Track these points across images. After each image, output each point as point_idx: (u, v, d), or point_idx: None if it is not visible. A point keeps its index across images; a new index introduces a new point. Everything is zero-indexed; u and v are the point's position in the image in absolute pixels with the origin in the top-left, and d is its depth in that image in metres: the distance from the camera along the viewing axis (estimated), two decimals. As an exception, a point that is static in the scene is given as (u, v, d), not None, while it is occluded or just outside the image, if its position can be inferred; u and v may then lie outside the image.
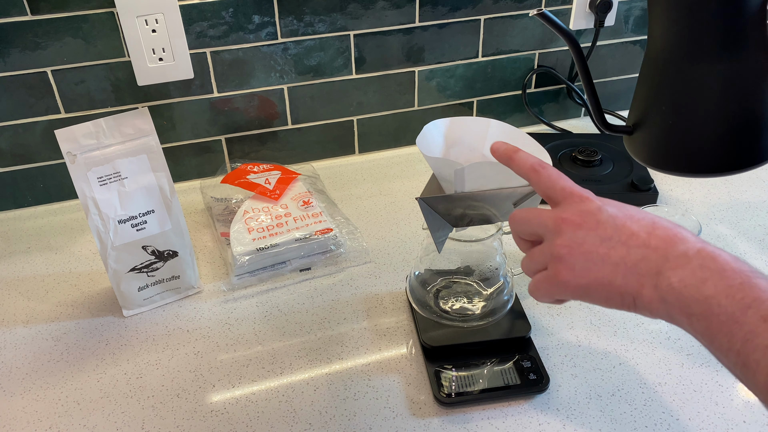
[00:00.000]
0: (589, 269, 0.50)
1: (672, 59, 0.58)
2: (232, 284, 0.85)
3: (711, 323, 0.43)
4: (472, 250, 0.76)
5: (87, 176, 0.73)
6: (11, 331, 0.80)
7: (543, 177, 0.55)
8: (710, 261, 0.45)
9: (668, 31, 0.58)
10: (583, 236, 0.50)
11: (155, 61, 0.93)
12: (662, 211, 0.86)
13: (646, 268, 0.48)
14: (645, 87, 0.62)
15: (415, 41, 1.05)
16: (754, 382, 0.41)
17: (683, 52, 0.57)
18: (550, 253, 0.52)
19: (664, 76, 0.59)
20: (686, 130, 0.60)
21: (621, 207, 0.52)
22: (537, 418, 0.67)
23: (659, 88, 0.60)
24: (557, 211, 0.53)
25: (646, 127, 0.63)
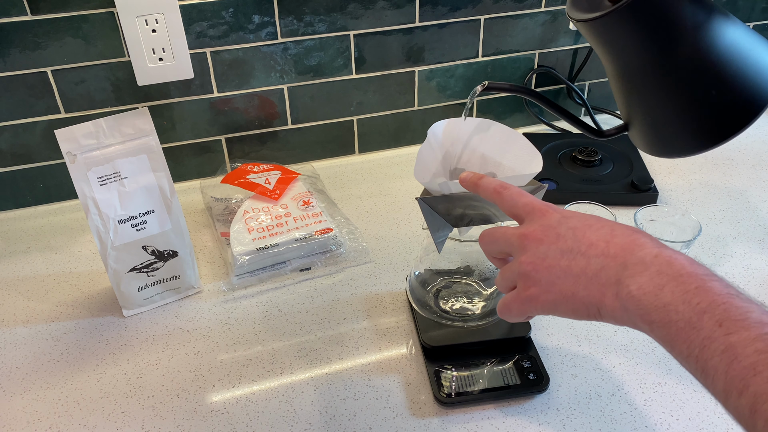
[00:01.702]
0: (553, 283, 0.50)
1: (627, 76, 0.67)
2: (232, 284, 0.85)
3: (670, 330, 0.44)
4: (472, 250, 0.76)
5: (87, 176, 0.73)
6: (11, 331, 0.80)
7: (506, 197, 0.57)
8: (667, 266, 0.46)
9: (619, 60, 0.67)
10: (545, 251, 0.51)
11: (155, 61, 0.93)
12: (662, 211, 0.86)
13: (606, 277, 0.48)
14: (619, 96, 0.70)
15: (415, 41, 1.05)
16: (713, 387, 0.41)
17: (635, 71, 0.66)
18: (517, 270, 0.53)
19: (629, 88, 0.68)
20: (663, 123, 0.67)
21: (582, 218, 0.53)
22: (537, 418, 0.67)
23: (630, 96, 0.68)
24: (521, 228, 0.54)
25: (634, 125, 0.70)
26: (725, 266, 0.87)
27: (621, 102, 0.70)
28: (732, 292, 0.44)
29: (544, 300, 0.51)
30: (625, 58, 0.65)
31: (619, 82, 0.68)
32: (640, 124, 0.69)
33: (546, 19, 1.09)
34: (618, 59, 0.66)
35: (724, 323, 0.41)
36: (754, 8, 1.21)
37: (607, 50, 0.66)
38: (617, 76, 0.68)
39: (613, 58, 0.66)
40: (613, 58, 0.66)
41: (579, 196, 0.94)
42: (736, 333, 0.40)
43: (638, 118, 0.68)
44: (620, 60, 0.66)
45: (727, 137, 0.64)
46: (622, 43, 0.64)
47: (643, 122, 0.68)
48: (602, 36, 0.65)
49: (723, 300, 0.43)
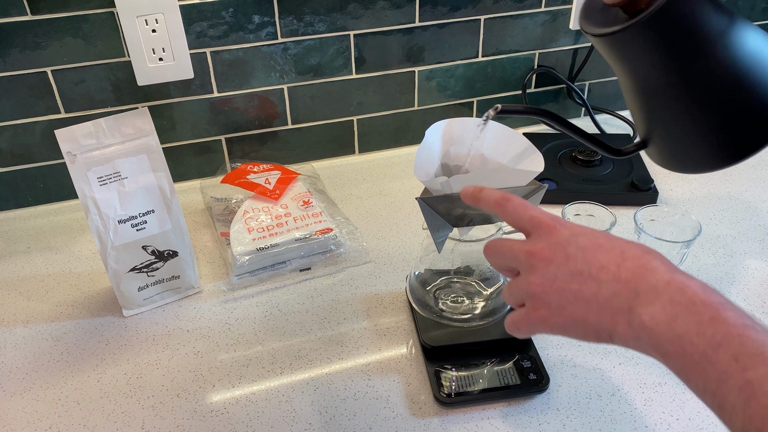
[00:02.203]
0: (563, 306, 0.49)
1: (646, 92, 0.64)
2: (232, 284, 0.85)
3: (685, 363, 0.43)
4: (472, 250, 0.76)
5: (87, 176, 0.73)
6: (11, 331, 0.80)
7: (509, 210, 0.55)
8: (679, 294, 0.44)
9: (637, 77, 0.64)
10: (555, 272, 0.50)
11: (155, 61, 0.93)
12: (662, 211, 0.86)
13: (618, 304, 0.47)
14: (636, 111, 0.67)
15: (415, 41, 1.05)
16: (731, 424, 0.40)
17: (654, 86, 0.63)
18: (525, 290, 0.51)
19: (648, 104, 0.65)
20: (684, 139, 0.64)
21: (590, 236, 0.51)
22: (537, 418, 0.67)
23: (648, 111, 0.65)
24: (528, 244, 0.52)
25: (654, 141, 0.67)
26: (725, 266, 0.87)
27: (639, 118, 0.67)
28: (747, 323, 0.42)
29: (553, 323, 0.50)
30: (643, 73, 0.62)
31: (636, 97, 0.65)
32: (660, 141, 0.66)
33: (546, 19, 1.09)
34: (635, 74, 0.63)
35: (741, 358, 0.40)
36: (754, 8, 1.21)
37: (624, 65, 0.63)
38: (634, 91, 0.65)
39: (630, 73, 0.63)
40: (630, 73, 0.63)
41: (579, 196, 0.94)
42: (753, 369, 0.39)
43: (658, 135, 0.65)
44: (638, 75, 0.63)
45: (752, 151, 0.61)
46: (640, 58, 0.61)
47: (663, 139, 0.65)
48: (618, 50, 0.62)
49: (738, 332, 0.41)
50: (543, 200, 0.68)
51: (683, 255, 0.82)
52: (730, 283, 0.84)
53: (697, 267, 0.87)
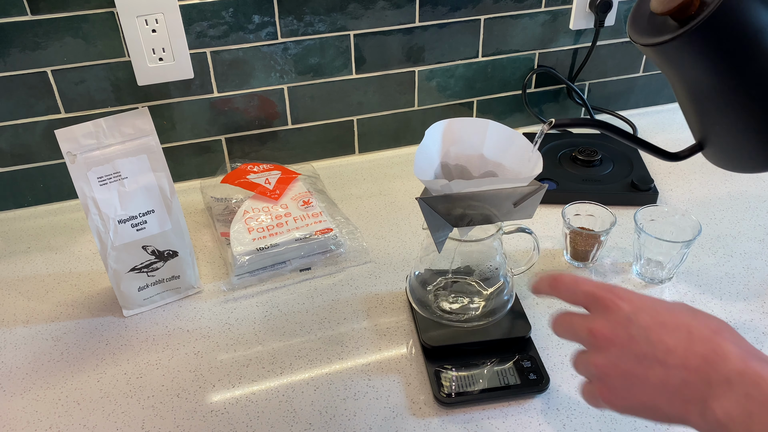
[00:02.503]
0: (629, 391, 0.47)
1: (701, 97, 0.64)
2: (232, 284, 0.85)
3: None
4: (472, 250, 0.76)
5: (87, 176, 0.73)
6: (11, 331, 0.80)
7: (561, 289, 0.52)
8: (754, 387, 0.42)
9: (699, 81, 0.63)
10: (618, 355, 0.47)
11: (155, 61, 0.93)
12: (662, 211, 0.86)
13: (689, 393, 0.45)
14: (691, 115, 0.67)
15: (415, 41, 1.05)
16: None
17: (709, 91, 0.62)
18: (589, 370, 0.50)
19: (703, 108, 0.64)
20: (744, 140, 0.64)
21: (653, 311, 0.48)
22: (537, 418, 0.67)
23: (704, 115, 0.65)
24: (588, 320, 0.50)
25: (711, 144, 0.67)
26: (725, 266, 0.87)
27: (694, 121, 0.67)
28: None
29: (622, 406, 0.48)
30: (696, 79, 0.62)
31: (690, 101, 0.65)
32: (718, 143, 0.66)
33: (546, 19, 1.09)
34: (688, 80, 0.63)
35: None
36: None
37: (676, 71, 0.63)
38: (688, 96, 0.65)
39: (682, 79, 0.63)
40: (682, 79, 0.63)
41: (579, 196, 0.94)
42: None
43: (714, 137, 0.66)
44: (691, 80, 0.62)
45: None
46: (692, 64, 0.60)
47: (720, 141, 0.65)
48: (669, 58, 0.61)
49: None
50: (543, 200, 0.68)
51: (683, 255, 0.82)
52: (730, 283, 0.84)
53: (697, 267, 0.87)
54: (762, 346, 0.75)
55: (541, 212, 0.97)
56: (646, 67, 1.21)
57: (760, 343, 0.75)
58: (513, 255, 0.90)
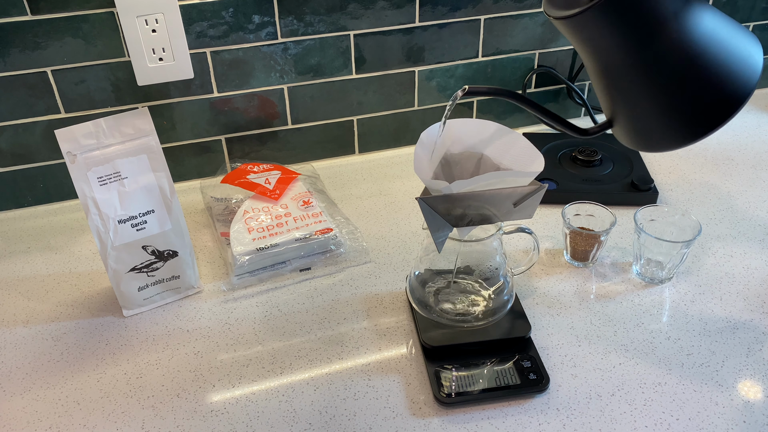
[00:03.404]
0: None
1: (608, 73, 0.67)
2: (232, 284, 0.85)
3: None
4: (472, 250, 0.76)
5: (87, 176, 0.73)
6: (11, 331, 0.80)
7: None
8: None
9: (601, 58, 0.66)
10: None
11: (155, 61, 0.93)
12: (662, 211, 0.86)
13: None
14: (601, 92, 0.69)
15: (415, 41, 1.05)
16: None
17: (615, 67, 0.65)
18: None
19: (610, 84, 0.67)
20: (646, 118, 0.66)
21: None
22: (537, 418, 0.67)
23: (611, 92, 0.67)
24: None
25: (618, 121, 0.69)
26: (725, 266, 0.87)
27: (603, 98, 0.69)
28: None
29: None
30: (604, 55, 0.65)
31: (599, 78, 0.67)
32: (624, 121, 0.68)
33: (546, 19, 1.09)
34: (597, 56, 0.65)
35: None
36: (754, 8, 1.21)
37: (586, 47, 0.66)
38: (598, 73, 0.67)
39: (592, 55, 0.66)
40: (592, 55, 0.66)
41: (579, 196, 0.94)
42: None
43: (622, 115, 0.68)
44: (599, 57, 0.65)
45: (711, 129, 0.63)
46: (600, 40, 0.63)
47: (626, 118, 0.68)
48: (580, 33, 0.64)
49: None
50: (543, 200, 0.69)
51: (683, 255, 0.82)
52: (730, 283, 0.84)
53: (697, 267, 0.87)
54: (762, 346, 0.75)
55: (541, 212, 0.97)
56: (646, 67, 1.21)
57: (760, 343, 0.75)
58: (513, 255, 0.90)
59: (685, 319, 0.79)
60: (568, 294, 0.83)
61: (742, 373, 0.72)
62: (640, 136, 0.68)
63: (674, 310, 0.80)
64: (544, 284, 0.84)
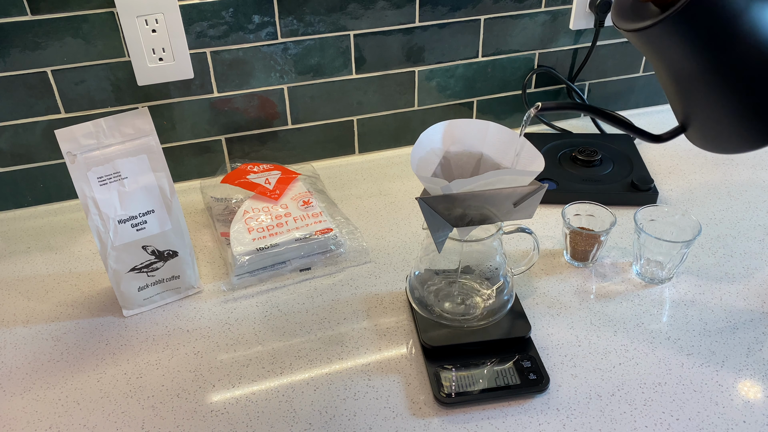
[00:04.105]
0: None
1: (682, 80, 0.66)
2: (232, 284, 0.85)
3: None
4: (472, 250, 0.76)
5: (87, 176, 0.73)
6: (11, 331, 0.80)
7: None
8: None
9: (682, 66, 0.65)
10: None
11: (155, 61, 0.93)
12: (662, 211, 0.86)
13: None
14: (674, 98, 0.69)
15: (415, 41, 1.05)
16: None
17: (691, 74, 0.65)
18: None
19: (685, 91, 0.66)
20: (724, 122, 0.66)
21: None
22: (537, 418, 0.67)
23: (686, 98, 0.67)
24: None
25: (693, 126, 0.69)
26: (725, 266, 0.87)
27: (676, 104, 0.69)
28: None
29: None
30: (679, 63, 0.64)
31: (673, 85, 0.67)
32: (699, 125, 0.68)
33: (546, 19, 1.09)
34: (671, 64, 0.65)
35: None
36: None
37: (659, 56, 0.65)
38: (672, 80, 0.67)
39: (665, 63, 0.65)
40: (665, 63, 0.65)
41: (579, 196, 0.94)
42: None
43: (697, 119, 0.68)
44: (673, 64, 0.65)
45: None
46: (673, 49, 0.63)
47: (702, 123, 0.67)
48: (652, 43, 0.63)
49: None
50: (543, 200, 0.69)
51: (683, 255, 0.82)
52: (730, 283, 0.84)
53: (697, 267, 0.87)
54: (762, 346, 0.75)
55: (541, 212, 0.97)
56: (646, 67, 1.21)
57: (760, 343, 0.75)
58: (513, 255, 0.90)
59: (685, 319, 0.79)
60: (568, 294, 0.83)
61: (742, 373, 0.72)
62: (718, 140, 0.68)
63: (674, 310, 0.80)
64: (544, 284, 0.84)
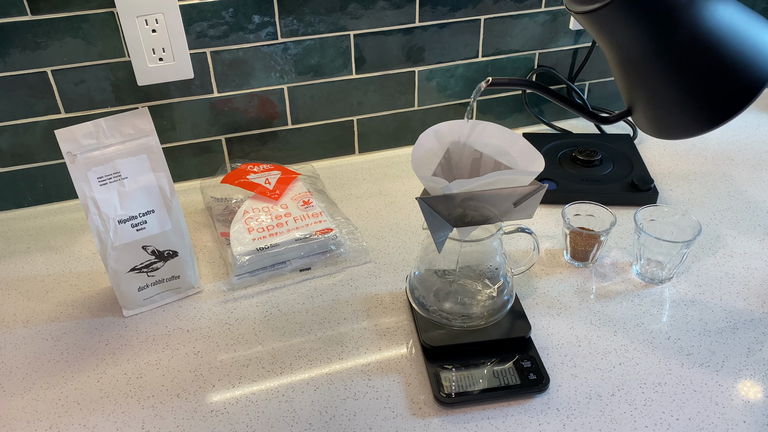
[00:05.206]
0: None
1: (628, 63, 0.69)
2: (232, 284, 0.85)
3: None
4: (472, 250, 0.76)
5: (87, 176, 0.73)
6: (11, 331, 0.80)
7: None
8: None
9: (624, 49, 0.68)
10: None
11: (155, 61, 0.93)
12: (662, 211, 0.86)
13: None
14: (621, 81, 0.72)
15: (415, 41, 1.05)
16: None
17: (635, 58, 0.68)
18: None
19: (631, 73, 0.69)
20: (665, 106, 0.68)
21: None
22: (537, 418, 0.67)
23: (631, 81, 0.70)
24: None
25: (638, 109, 0.72)
26: (725, 266, 0.87)
27: (623, 87, 0.71)
28: None
29: None
30: (625, 46, 0.66)
31: (620, 68, 0.69)
32: (643, 108, 0.70)
33: (546, 19, 1.09)
34: (618, 47, 0.67)
35: None
36: (754, 8, 1.21)
37: (606, 40, 0.67)
38: (618, 63, 0.69)
39: (612, 46, 0.68)
40: (612, 46, 0.68)
41: (579, 196, 0.94)
42: None
43: (641, 102, 0.70)
44: (620, 48, 0.67)
45: (729, 116, 0.65)
46: (621, 32, 0.65)
47: (647, 106, 0.69)
48: (600, 26, 0.66)
49: None
50: (543, 200, 0.69)
51: (683, 255, 0.82)
52: (730, 283, 0.84)
53: (697, 267, 0.87)
54: (762, 346, 0.75)
55: (541, 212, 0.97)
56: (646, 67, 1.21)
57: (760, 343, 0.75)
58: (513, 255, 0.90)
59: (685, 319, 0.79)
60: (568, 294, 0.83)
61: (742, 373, 0.72)
62: (660, 123, 0.70)
63: (674, 310, 0.80)
64: (544, 284, 0.84)
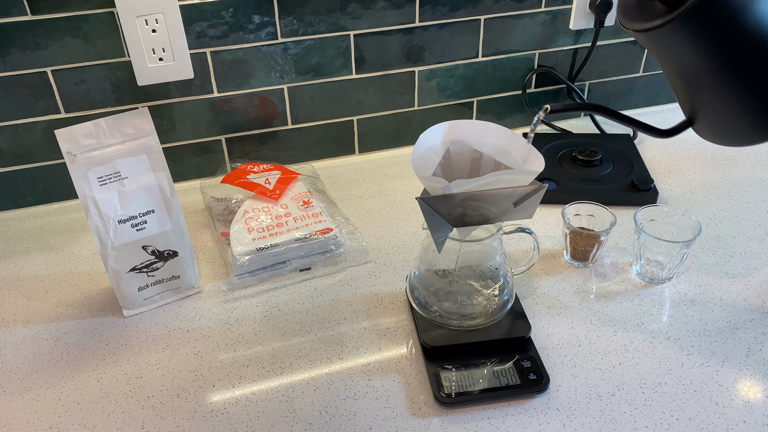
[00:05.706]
0: None
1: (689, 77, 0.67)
2: (232, 284, 0.85)
3: None
4: (472, 250, 0.76)
5: (87, 176, 0.73)
6: (11, 331, 0.80)
7: None
8: None
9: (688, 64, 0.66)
10: None
11: (155, 61, 0.93)
12: (662, 211, 0.86)
13: None
14: (681, 94, 0.70)
15: (415, 41, 1.05)
16: None
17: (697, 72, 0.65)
18: None
19: (692, 87, 0.67)
20: (730, 115, 0.66)
21: None
22: (537, 418, 0.67)
23: (693, 94, 0.68)
24: None
25: (700, 119, 0.69)
26: (725, 266, 0.87)
27: (684, 99, 0.70)
28: None
29: None
30: (687, 60, 0.64)
31: (681, 82, 0.67)
32: (707, 119, 0.69)
33: (546, 19, 1.09)
34: (680, 62, 0.65)
35: None
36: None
37: (666, 54, 0.65)
38: (678, 77, 0.67)
39: (674, 61, 0.66)
40: (674, 61, 0.66)
41: (579, 196, 0.94)
42: None
43: (704, 114, 0.68)
44: (682, 62, 0.65)
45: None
46: (681, 48, 0.63)
47: (710, 117, 0.68)
48: (659, 43, 0.64)
49: None
50: (543, 200, 0.69)
51: (683, 255, 0.82)
52: (730, 283, 0.84)
53: (697, 267, 0.87)
54: (762, 346, 0.75)
55: (541, 212, 0.97)
56: (646, 67, 1.21)
57: (760, 343, 0.75)
58: (513, 255, 0.90)
59: (685, 319, 0.79)
60: (568, 294, 0.83)
61: (742, 373, 0.72)
62: (726, 133, 0.69)
63: (674, 310, 0.80)
64: (544, 284, 0.84)
